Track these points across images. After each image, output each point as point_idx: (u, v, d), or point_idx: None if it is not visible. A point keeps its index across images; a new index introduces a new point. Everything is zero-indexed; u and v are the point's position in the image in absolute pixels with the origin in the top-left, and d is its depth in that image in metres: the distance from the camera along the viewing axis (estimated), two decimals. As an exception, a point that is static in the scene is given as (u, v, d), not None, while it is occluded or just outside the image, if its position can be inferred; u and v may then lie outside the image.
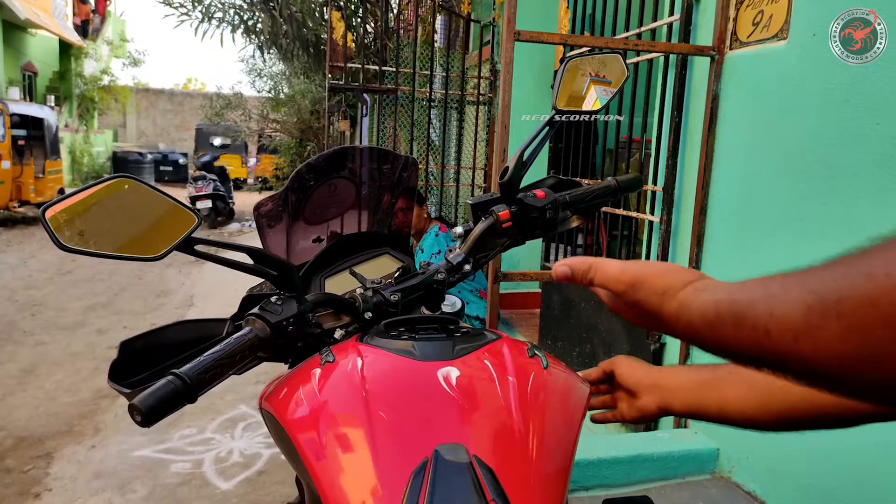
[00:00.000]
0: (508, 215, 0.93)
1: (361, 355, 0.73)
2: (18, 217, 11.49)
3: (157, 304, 6.08)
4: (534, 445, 0.65)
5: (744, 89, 2.27)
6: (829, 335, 0.37)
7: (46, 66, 18.16)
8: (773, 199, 2.11)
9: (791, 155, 2.03)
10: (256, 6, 8.32)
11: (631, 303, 0.57)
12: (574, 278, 0.63)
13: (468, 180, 5.15)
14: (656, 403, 0.84)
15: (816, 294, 0.38)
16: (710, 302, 0.49)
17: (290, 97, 11.28)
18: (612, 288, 0.59)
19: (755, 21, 2.20)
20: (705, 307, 0.49)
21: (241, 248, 0.76)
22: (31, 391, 3.81)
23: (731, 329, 0.45)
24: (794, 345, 0.39)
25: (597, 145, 3.56)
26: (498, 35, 4.92)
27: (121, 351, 0.79)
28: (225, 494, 2.70)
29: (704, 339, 0.49)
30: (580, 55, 1.02)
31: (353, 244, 1.02)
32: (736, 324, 0.45)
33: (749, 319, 0.43)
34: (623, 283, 0.57)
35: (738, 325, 0.44)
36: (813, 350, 0.38)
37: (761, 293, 0.43)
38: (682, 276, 0.54)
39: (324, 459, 0.64)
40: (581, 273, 0.62)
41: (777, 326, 0.41)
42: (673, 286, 0.53)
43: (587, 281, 0.62)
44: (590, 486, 2.19)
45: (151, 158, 21.19)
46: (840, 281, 0.37)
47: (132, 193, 0.71)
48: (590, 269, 0.61)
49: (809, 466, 1.99)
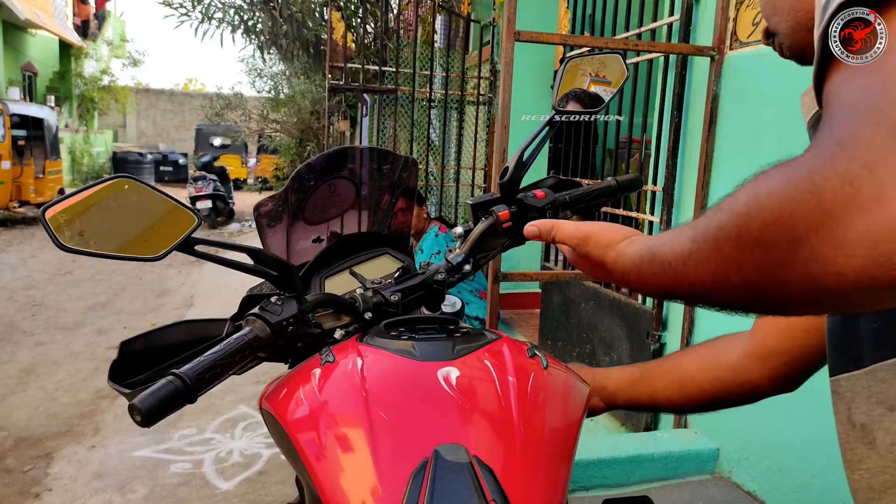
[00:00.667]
0: (508, 215, 0.93)
1: (361, 355, 0.73)
2: (18, 217, 11.49)
3: (157, 304, 6.08)
4: (534, 445, 0.65)
5: (744, 89, 2.27)
6: (705, 259, 0.47)
7: (46, 66, 18.16)
8: (773, 199, 2.11)
9: (791, 155, 2.02)
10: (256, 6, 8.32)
11: (582, 254, 0.69)
12: (541, 236, 0.76)
13: (468, 180, 5.15)
14: (604, 402, 0.96)
15: (696, 228, 0.49)
16: (636, 250, 0.59)
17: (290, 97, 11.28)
18: (568, 243, 0.71)
19: (755, 21, 2.20)
20: (633, 254, 0.60)
21: (241, 248, 0.76)
22: (31, 391, 3.81)
23: (648, 268, 0.55)
24: (684, 271, 0.49)
25: (597, 145, 3.56)
26: (498, 35, 4.93)
27: (121, 351, 0.79)
28: (225, 494, 2.70)
29: (633, 281, 0.60)
30: (580, 55, 1.02)
31: (353, 244, 1.02)
32: (650, 263, 0.55)
33: (658, 258, 0.54)
34: (576, 238, 0.70)
35: (652, 263, 0.55)
36: (695, 273, 0.48)
37: (668, 237, 0.53)
38: (622, 232, 0.66)
39: (324, 459, 0.65)
40: (546, 231, 0.75)
41: (674, 258, 0.50)
42: (614, 240, 0.65)
43: (550, 238, 0.75)
44: (590, 486, 2.19)
45: (151, 159, 21.18)
46: (709, 216, 0.47)
47: (132, 193, 0.71)
48: (552, 228, 0.75)
49: (809, 466, 1.99)
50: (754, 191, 0.45)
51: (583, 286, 3.10)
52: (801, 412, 2.00)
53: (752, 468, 2.22)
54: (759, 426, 2.19)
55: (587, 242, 0.68)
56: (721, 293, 0.47)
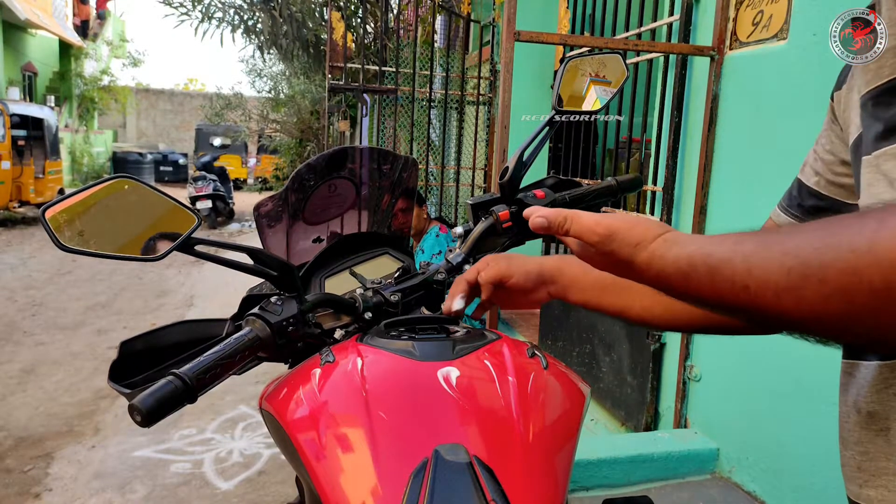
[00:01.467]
0: (508, 215, 0.93)
1: (361, 355, 0.73)
2: (18, 217, 11.49)
3: (157, 304, 6.08)
4: (534, 445, 0.65)
5: (744, 89, 2.27)
6: (811, 296, 0.41)
7: (46, 66, 18.16)
8: (772, 198, 2.11)
9: (791, 155, 2.02)
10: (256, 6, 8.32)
11: (604, 253, 0.61)
12: (550, 228, 0.64)
13: (468, 180, 5.15)
14: (550, 294, 0.88)
15: (798, 259, 0.42)
16: (683, 255, 0.53)
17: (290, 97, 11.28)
18: (586, 238, 0.61)
19: (755, 21, 2.20)
20: (678, 259, 0.53)
21: (241, 248, 0.76)
22: (31, 391, 3.81)
23: (706, 281, 0.50)
24: (776, 300, 0.43)
25: (597, 145, 3.56)
26: (498, 35, 4.92)
27: (121, 351, 0.79)
28: (225, 494, 2.70)
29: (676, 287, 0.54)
30: (580, 55, 1.02)
31: (353, 244, 1.02)
32: (711, 277, 0.49)
33: (726, 274, 0.48)
34: (598, 234, 0.60)
35: (714, 278, 0.49)
36: (795, 307, 0.42)
37: (737, 250, 0.47)
38: (653, 228, 0.58)
39: (324, 459, 0.64)
40: (557, 224, 0.64)
41: (756, 283, 0.45)
42: (645, 238, 0.57)
43: (563, 231, 0.63)
44: (590, 486, 2.19)
45: (151, 159, 21.18)
46: (824, 250, 0.41)
47: (132, 193, 0.71)
48: (566, 220, 0.63)
49: (809, 467, 1.99)
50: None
51: (583, 286, 3.10)
52: (802, 412, 2.00)
53: (752, 468, 2.22)
54: (759, 426, 2.19)
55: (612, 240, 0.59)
56: (817, 328, 0.43)
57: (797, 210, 0.75)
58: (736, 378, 2.31)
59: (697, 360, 2.48)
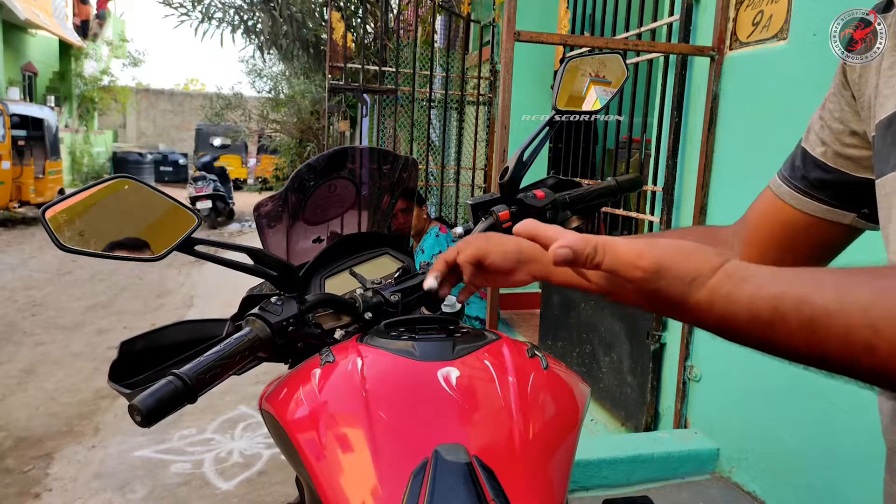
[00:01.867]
0: (508, 215, 0.93)
1: (361, 355, 0.73)
2: (18, 217, 11.49)
3: (157, 304, 6.08)
4: (534, 446, 0.65)
5: (744, 89, 2.27)
6: None
7: (46, 66, 18.16)
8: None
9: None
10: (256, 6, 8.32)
11: (648, 291, 0.49)
12: (576, 261, 0.51)
13: (468, 180, 5.15)
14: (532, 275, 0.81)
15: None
16: (762, 297, 0.44)
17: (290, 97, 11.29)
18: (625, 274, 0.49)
19: (755, 21, 2.20)
20: (755, 302, 0.44)
21: (241, 248, 0.76)
22: (31, 391, 3.81)
23: (801, 334, 0.41)
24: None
25: (597, 145, 3.56)
26: (498, 35, 4.92)
27: (121, 351, 0.79)
28: (225, 494, 2.70)
29: (750, 336, 0.45)
30: (580, 55, 1.02)
31: (353, 244, 1.02)
32: (811, 330, 0.40)
33: (836, 330, 0.39)
34: (641, 269, 0.48)
35: (815, 332, 0.40)
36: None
37: (846, 299, 0.39)
38: (711, 259, 0.47)
39: (324, 459, 0.64)
40: (586, 255, 0.50)
41: (890, 345, 0.37)
42: (702, 272, 0.47)
43: (592, 264, 0.51)
44: (590, 486, 2.19)
45: (151, 159, 21.18)
46: None
47: (132, 194, 0.71)
48: (596, 251, 0.50)
49: (809, 466, 1.99)
50: None
51: (583, 286, 3.10)
52: (802, 413, 2.00)
53: (752, 468, 2.22)
54: (760, 426, 2.19)
55: (660, 276, 0.48)
56: None
57: (801, 182, 0.71)
58: (736, 378, 2.31)
59: (697, 360, 2.48)
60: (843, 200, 0.68)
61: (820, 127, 0.68)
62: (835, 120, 0.66)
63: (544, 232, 0.54)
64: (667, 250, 0.49)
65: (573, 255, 0.50)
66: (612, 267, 0.50)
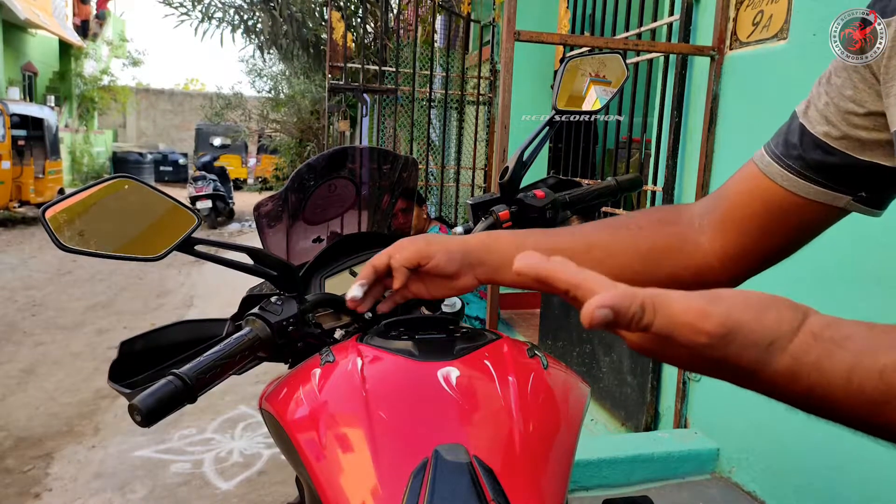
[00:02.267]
0: (508, 215, 0.93)
1: (361, 355, 0.73)
2: (18, 217, 11.49)
3: (157, 304, 6.08)
4: (534, 445, 0.65)
5: (744, 89, 2.27)
6: None
7: (46, 66, 18.16)
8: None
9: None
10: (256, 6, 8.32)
11: (714, 358, 0.39)
12: (618, 324, 0.38)
13: (468, 180, 5.15)
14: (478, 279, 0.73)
15: None
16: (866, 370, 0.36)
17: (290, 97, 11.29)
18: (686, 338, 0.38)
19: (755, 21, 2.20)
20: (856, 375, 0.36)
21: (241, 248, 0.76)
22: (31, 391, 3.81)
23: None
24: None
25: (597, 145, 3.56)
26: (498, 35, 4.92)
27: (121, 351, 0.79)
28: (225, 494, 2.70)
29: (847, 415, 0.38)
30: (580, 55, 1.02)
31: (353, 244, 1.02)
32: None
33: None
34: (705, 334, 0.38)
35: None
36: None
37: None
38: (789, 314, 0.39)
39: (324, 459, 0.64)
40: (632, 317, 0.38)
41: None
42: (781, 333, 0.38)
43: (639, 327, 0.39)
44: (590, 486, 2.19)
45: (151, 158, 21.19)
46: None
47: (132, 193, 0.71)
48: (644, 311, 0.38)
49: (809, 466, 1.99)
50: None
51: (583, 286, 3.10)
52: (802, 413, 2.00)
53: (752, 468, 2.22)
54: (760, 426, 2.19)
55: (730, 340, 0.38)
56: None
57: (796, 162, 0.64)
58: (736, 378, 2.31)
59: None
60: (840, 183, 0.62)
61: (825, 104, 0.62)
62: (844, 98, 0.60)
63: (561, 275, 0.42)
64: (736, 306, 0.38)
65: (614, 316, 0.38)
66: (666, 330, 0.39)
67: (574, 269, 0.42)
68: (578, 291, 0.41)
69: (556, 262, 0.43)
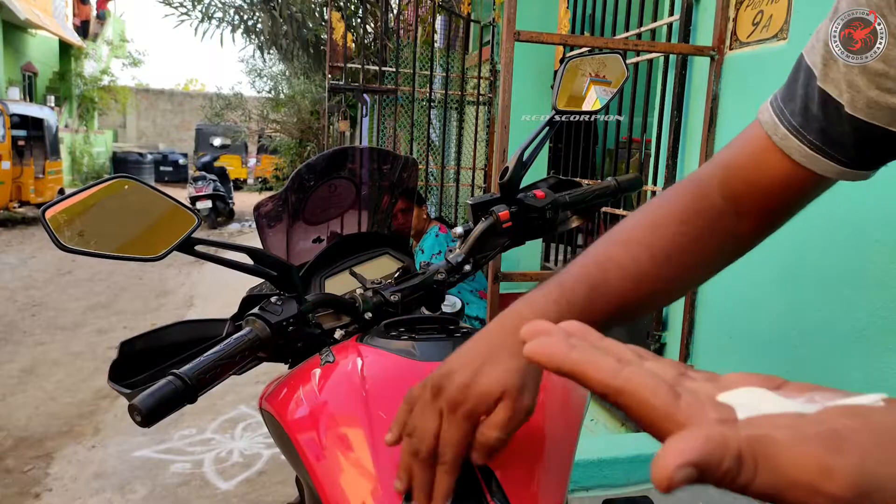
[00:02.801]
0: (508, 215, 0.93)
1: (361, 355, 0.73)
2: (18, 217, 11.49)
3: (157, 304, 6.08)
4: (534, 445, 0.65)
5: (744, 89, 2.27)
6: None
7: (46, 66, 18.16)
8: (773, 199, 2.12)
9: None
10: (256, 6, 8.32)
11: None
12: (705, 478, 0.27)
13: (468, 180, 5.15)
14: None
15: None
16: None
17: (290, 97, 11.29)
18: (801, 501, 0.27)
19: (755, 21, 2.20)
20: None
21: (241, 248, 0.76)
22: (31, 391, 3.81)
23: None
24: None
25: (597, 145, 3.56)
26: (498, 35, 4.92)
27: (121, 351, 0.79)
28: (225, 494, 2.70)
29: None
30: (580, 55, 1.02)
31: (353, 244, 1.02)
32: None
33: None
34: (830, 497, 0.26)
35: None
36: None
37: None
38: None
39: (324, 459, 0.65)
40: (725, 472, 0.27)
41: None
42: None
43: (737, 486, 0.27)
44: (590, 486, 2.19)
45: (151, 159, 21.19)
46: None
47: (132, 193, 0.71)
48: (742, 465, 0.27)
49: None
50: None
51: (583, 286, 3.10)
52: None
53: (752, 468, 2.22)
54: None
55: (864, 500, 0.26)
56: None
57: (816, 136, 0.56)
58: (736, 378, 2.31)
59: (697, 359, 2.48)
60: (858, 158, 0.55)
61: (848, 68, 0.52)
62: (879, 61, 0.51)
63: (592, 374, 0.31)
64: (869, 455, 0.27)
65: (699, 469, 0.27)
66: (774, 489, 0.27)
67: (609, 365, 0.31)
68: (622, 398, 0.30)
69: (583, 353, 0.32)
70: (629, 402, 0.30)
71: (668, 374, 0.33)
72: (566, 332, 0.35)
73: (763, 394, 0.32)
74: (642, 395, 0.30)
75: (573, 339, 0.34)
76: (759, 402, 0.31)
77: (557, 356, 0.32)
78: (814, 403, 0.30)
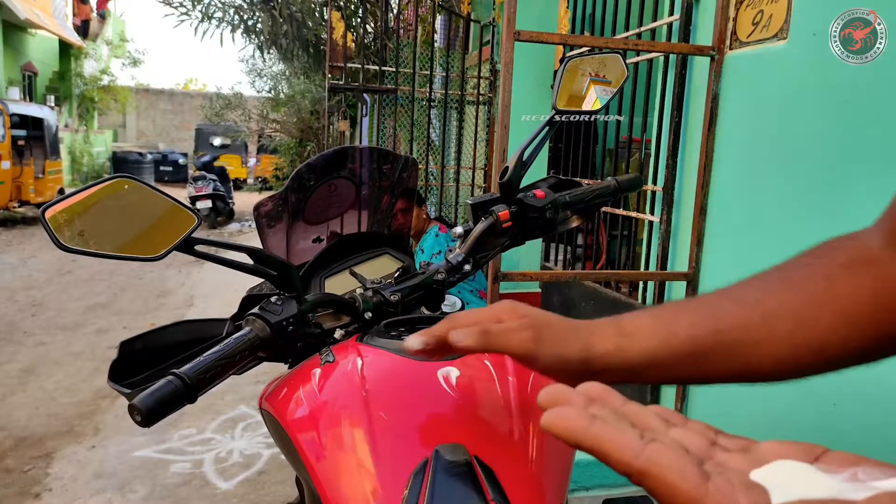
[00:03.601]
0: (508, 215, 0.93)
1: (361, 355, 0.73)
2: (18, 217, 11.49)
3: (157, 304, 6.08)
4: (534, 445, 0.65)
5: (744, 89, 2.27)
6: None
7: (46, 66, 18.16)
8: (773, 199, 2.11)
9: (791, 155, 2.03)
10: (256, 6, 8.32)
11: None
12: None
13: (468, 180, 5.15)
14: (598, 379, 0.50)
15: None
16: None
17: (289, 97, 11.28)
18: None
19: (755, 21, 2.20)
20: None
21: (241, 248, 0.76)
22: (31, 391, 3.81)
23: None
24: None
25: (597, 145, 3.56)
26: (498, 35, 4.92)
27: (121, 351, 0.79)
28: (225, 494, 2.70)
29: None
30: (580, 55, 1.02)
31: (353, 244, 1.02)
32: None
33: None
34: None
35: None
36: None
37: None
38: None
39: (324, 459, 0.65)
40: None
41: None
42: None
43: None
44: (590, 486, 2.19)
45: (151, 158, 21.18)
46: None
47: (132, 193, 0.71)
48: None
49: (809, 466, 1.99)
50: None
51: (583, 286, 3.10)
52: (802, 413, 2.00)
53: (752, 468, 2.22)
54: (760, 426, 2.19)
55: None
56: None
57: None
58: (736, 378, 2.31)
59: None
60: None
61: None
62: None
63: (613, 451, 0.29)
64: None
65: None
66: None
67: (631, 443, 0.29)
68: (646, 481, 0.28)
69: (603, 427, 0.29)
70: (654, 486, 0.28)
71: (697, 444, 0.31)
72: (587, 396, 0.32)
73: (801, 470, 0.30)
74: (668, 478, 0.27)
75: (594, 407, 0.31)
76: (797, 482, 0.29)
77: (577, 431, 0.30)
78: (857, 482, 0.28)
